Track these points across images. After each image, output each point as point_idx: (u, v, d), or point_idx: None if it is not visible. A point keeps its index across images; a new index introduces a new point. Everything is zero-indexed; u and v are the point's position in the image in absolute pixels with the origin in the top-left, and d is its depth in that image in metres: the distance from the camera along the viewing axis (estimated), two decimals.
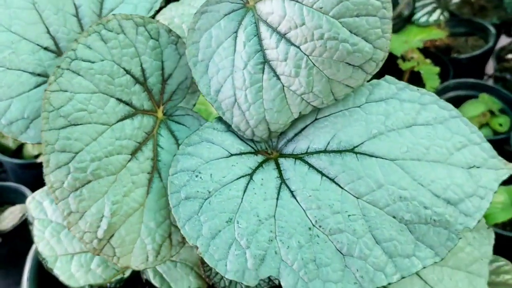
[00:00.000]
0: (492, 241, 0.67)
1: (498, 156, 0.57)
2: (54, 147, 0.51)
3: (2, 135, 1.26)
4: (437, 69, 1.43)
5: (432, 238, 0.53)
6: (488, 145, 0.57)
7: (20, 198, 1.20)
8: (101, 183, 0.53)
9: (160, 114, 0.60)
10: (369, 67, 0.55)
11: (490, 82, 1.53)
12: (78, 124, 0.52)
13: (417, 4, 1.69)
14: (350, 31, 0.52)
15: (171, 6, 0.73)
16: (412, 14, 1.69)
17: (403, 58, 1.51)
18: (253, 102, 0.56)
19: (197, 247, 0.53)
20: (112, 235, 0.55)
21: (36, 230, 0.65)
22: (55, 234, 0.66)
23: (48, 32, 0.61)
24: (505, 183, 1.13)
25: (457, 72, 1.57)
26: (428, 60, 1.54)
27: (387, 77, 0.58)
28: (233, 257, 0.52)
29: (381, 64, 0.55)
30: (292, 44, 0.54)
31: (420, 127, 0.56)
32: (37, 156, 1.25)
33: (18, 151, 1.31)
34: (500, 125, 1.32)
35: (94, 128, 0.53)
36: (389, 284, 0.52)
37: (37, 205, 0.66)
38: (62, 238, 0.66)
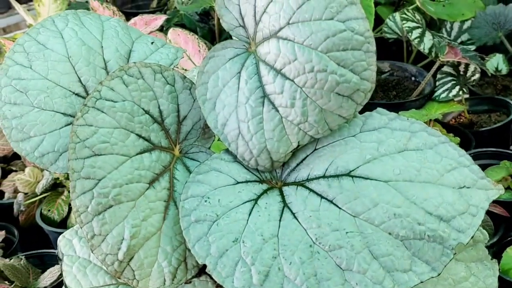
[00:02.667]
0: (497, 273, 0.67)
1: (487, 177, 0.61)
2: (80, 174, 0.58)
3: (48, 209, 1.36)
4: (457, 139, 1.47)
5: (428, 253, 0.55)
6: (477, 167, 0.60)
7: None
8: (121, 207, 0.59)
9: (176, 152, 0.67)
10: (358, 97, 0.60)
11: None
12: (101, 154, 0.59)
13: (438, 83, 1.77)
14: (338, 64, 0.58)
15: (193, 68, 0.83)
16: (433, 92, 1.76)
17: None
18: (255, 132, 0.62)
19: (205, 266, 0.57)
20: (132, 258, 0.59)
21: (65, 266, 0.70)
22: (82, 269, 0.71)
23: (80, 81, 0.70)
24: None
25: (479, 144, 1.59)
26: (451, 134, 1.58)
27: (379, 109, 0.64)
28: (239, 274, 0.55)
29: (369, 95, 0.60)
30: (287, 78, 0.60)
31: (411, 152, 0.61)
32: None
33: (62, 223, 1.41)
34: None
35: (115, 158, 0.60)
36: None
37: (67, 243, 0.72)
38: (87, 272, 0.70)
